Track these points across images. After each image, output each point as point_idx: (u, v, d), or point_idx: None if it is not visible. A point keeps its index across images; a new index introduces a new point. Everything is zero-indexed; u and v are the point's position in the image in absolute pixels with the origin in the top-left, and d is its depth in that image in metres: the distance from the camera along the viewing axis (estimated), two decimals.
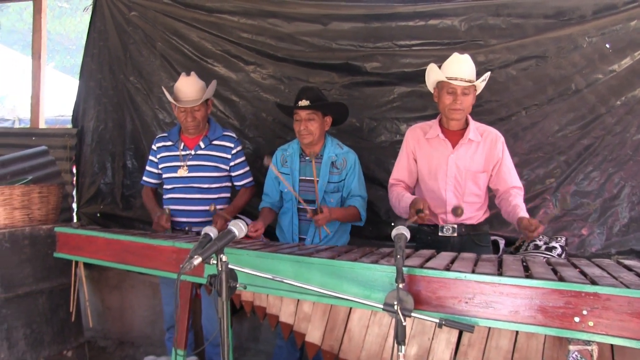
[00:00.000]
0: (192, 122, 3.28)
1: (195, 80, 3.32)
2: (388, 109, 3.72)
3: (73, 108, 4.65)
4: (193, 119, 3.27)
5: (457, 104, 2.81)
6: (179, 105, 3.25)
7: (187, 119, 3.27)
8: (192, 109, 3.26)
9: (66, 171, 4.41)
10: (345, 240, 3.22)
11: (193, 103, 3.25)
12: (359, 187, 3.15)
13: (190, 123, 3.28)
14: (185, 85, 3.27)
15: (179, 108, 3.27)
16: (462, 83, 2.77)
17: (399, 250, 1.83)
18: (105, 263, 2.70)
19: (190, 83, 3.29)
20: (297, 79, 3.91)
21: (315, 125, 3.09)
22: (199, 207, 3.27)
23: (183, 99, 3.26)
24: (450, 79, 2.78)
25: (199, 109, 3.28)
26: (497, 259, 2.25)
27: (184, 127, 3.35)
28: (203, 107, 3.32)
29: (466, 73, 2.78)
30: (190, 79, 3.31)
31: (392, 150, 3.66)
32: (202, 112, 3.31)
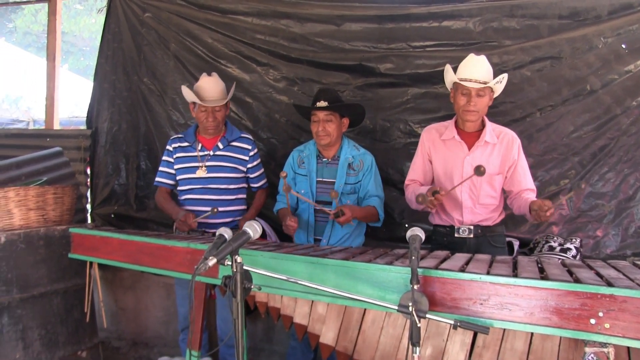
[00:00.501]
0: (213, 122, 3.29)
1: (218, 81, 3.34)
2: (402, 110, 3.73)
3: (87, 109, 4.70)
4: (214, 119, 3.29)
5: (471, 106, 2.81)
6: (202, 104, 3.26)
7: (208, 119, 3.29)
8: (214, 109, 3.28)
9: (80, 172, 4.46)
10: (360, 241, 3.23)
11: (216, 102, 3.27)
12: (376, 188, 3.16)
13: (210, 123, 3.29)
14: (209, 85, 3.29)
15: (200, 107, 3.28)
16: (476, 85, 2.77)
17: (413, 252, 1.84)
18: (120, 264, 2.72)
19: (213, 83, 3.31)
20: (310, 80, 3.92)
21: (333, 127, 3.10)
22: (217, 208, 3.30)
23: (206, 98, 3.28)
24: (464, 81, 2.78)
25: (220, 109, 3.31)
26: (512, 260, 2.24)
27: (202, 127, 3.36)
28: (223, 108, 3.34)
29: (480, 74, 2.78)
30: (213, 79, 3.33)
31: (405, 151, 3.67)
32: (222, 113, 3.34)
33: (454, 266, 2.00)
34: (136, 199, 4.43)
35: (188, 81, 4.17)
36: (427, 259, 2.18)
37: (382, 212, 3.15)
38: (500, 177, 2.91)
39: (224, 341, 3.28)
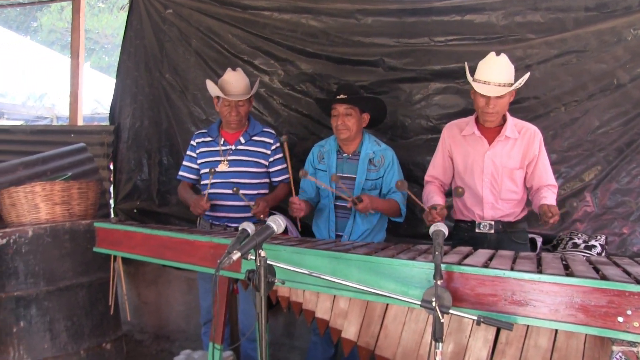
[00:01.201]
0: (236, 116, 3.33)
1: (243, 76, 3.38)
2: (423, 106, 3.71)
3: (110, 105, 4.76)
4: (237, 113, 3.32)
5: (490, 108, 2.79)
6: (226, 98, 3.28)
7: (232, 113, 3.32)
8: (237, 103, 3.31)
9: (103, 167, 4.51)
10: (382, 237, 3.23)
11: (240, 97, 3.30)
12: None
13: (234, 117, 3.33)
14: (234, 79, 3.33)
15: (224, 102, 3.32)
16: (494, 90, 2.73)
17: (437, 247, 1.83)
18: (144, 258, 2.75)
19: (238, 77, 3.34)
20: (330, 75, 3.92)
21: (352, 121, 3.10)
22: (239, 202, 3.32)
23: (230, 92, 3.31)
24: (482, 83, 2.75)
25: (244, 104, 3.34)
26: (536, 257, 2.23)
27: (225, 122, 3.40)
28: (247, 103, 3.37)
29: (500, 76, 2.74)
30: (238, 74, 3.36)
31: (427, 147, 3.65)
32: (246, 108, 3.37)
33: (478, 262, 1.99)
34: (158, 194, 4.48)
35: (209, 77, 4.18)
36: (450, 255, 2.18)
37: (404, 208, 3.14)
38: (521, 171, 2.90)
39: (247, 336, 3.31)
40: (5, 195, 3.49)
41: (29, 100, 9.47)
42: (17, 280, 3.35)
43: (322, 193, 3.27)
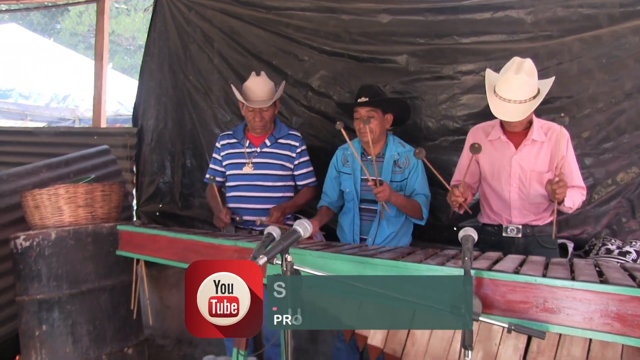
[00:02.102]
0: (260, 122, 3.36)
1: (266, 81, 3.40)
2: (449, 107, 3.68)
3: (133, 107, 4.82)
4: (261, 119, 3.36)
5: (512, 123, 2.77)
6: (248, 104, 3.32)
7: (255, 119, 3.35)
8: (261, 109, 3.34)
9: (126, 170, 4.57)
10: (407, 241, 3.23)
11: (263, 104, 3.33)
12: (423, 186, 3.16)
13: (258, 123, 3.36)
14: (256, 85, 3.35)
15: (248, 107, 3.35)
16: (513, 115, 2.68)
17: (466, 252, 1.83)
18: (167, 262, 2.79)
19: (260, 83, 3.37)
20: (354, 76, 3.91)
21: (375, 123, 3.11)
22: (263, 205, 3.34)
23: (253, 99, 3.34)
24: (502, 100, 2.70)
25: (267, 109, 3.37)
26: (569, 263, 2.20)
27: (250, 127, 3.44)
28: (271, 108, 3.40)
29: (520, 95, 2.68)
30: (260, 79, 3.39)
31: (453, 149, 3.62)
32: (270, 113, 3.40)
33: (508, 268, 1.97)
34: (181, 197, 4.51)
35: (232, 79, 4.23)
36: (479, 260, 2.17)
37: (426, 211, 3.14)
38: (550, 174, 2.85)
39: (272, 342, 3.32)
40: (28, 198, 3.53)
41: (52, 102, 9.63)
42: (40, 284, 3.40)
43: (346, 196, 3.28)
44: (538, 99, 2.70)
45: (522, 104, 2.68)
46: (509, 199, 2.90)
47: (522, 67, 2.67)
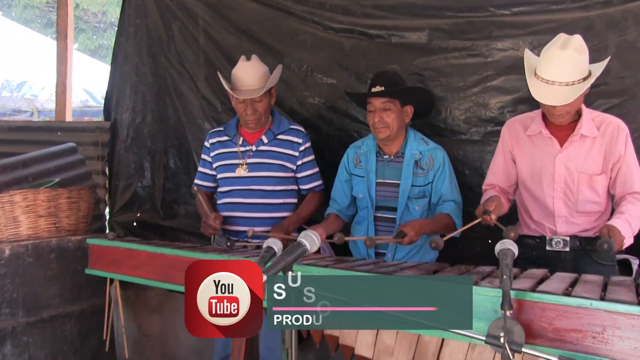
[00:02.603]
0: (253, 115, 3.35)
1: (257, 66, 3.39)
2: (480, 91, 3.65)
3: (104, 97, 4.84)
4: (253, 111, 3.35)
5: (557, 110, 2.74)
6: (236, 95, 3.32)
7: (247, 112, 3.34)
8: (253, 100, 3.33)
9: (97, 172, 4.58)
10: (433, 256, 3.22)
11: (253, 94, 3.31)
12: (451, 190, 3.17)
13: (250, 117, 3.35)
14: (245, 72, 3.35)
15: (237, 99, 3.35)
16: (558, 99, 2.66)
17: (505, 270, 1.84)
18: (147, 282, 2.81)
19: (250, 69, 3.36)
20: (365, 56, 3.88)
21: (392, 117, 3.11)
22: (261, 213, 3.35)
23: (242, 89, 3.34)
24: (544, 81, 2.69)
25: (261, 99, 3.35)
26: (634, 283, 2.20)
27: (243, 121, 3.44)
28: (266, 98, 3.37)
29: (565, 75, 2.65)
30: (250, 64, 3.38)
31: (484, 145, 3.60)
32: (265, 104, 3.38)
33: (557, 288, 1.97)
34: (163, 205, 4.52)
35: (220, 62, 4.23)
36: (520, 279, 2.17)
37: (459, 221, 3.14)
38: (604, 177, 2.84)
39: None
40: None
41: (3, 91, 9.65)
42: None
43: (359, 203, 3.30)
44: (588, 81, 2.67)
45: (568, 87, 2.65)
46: (553, 207, 2.89)
47: (570, 43, 2.65)
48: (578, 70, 2.66)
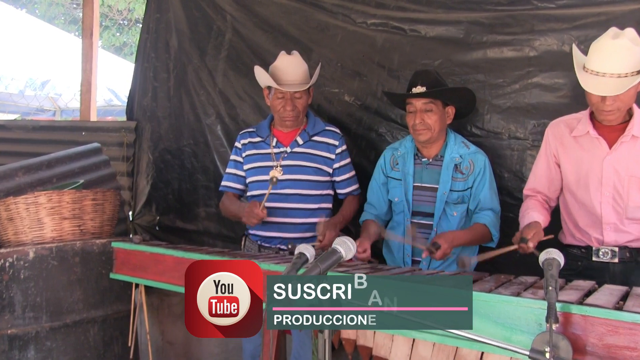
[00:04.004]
0: (292, 111, 3.37)
1: (300, 60, 3.43)
2: (520, 90, 3.61)
3: (128, 96, 4.90)
4: (293, 107, 3.36)
5: (607, 105, 2.67)
6: (280, 88, 3.32)
7: (286, 108, 3.36)
8: (293, 95, 3.35)
9: (122, 173, 4.65)
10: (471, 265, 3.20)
11: (298, 87, 3.34)
12: (491, 198, 3.15)
13: (289, 113, 3.37)
14: (289, 65, 3.37)
15: (277, 94, 3.36)
16: (609, 89, 2.60)
17: (550, 280, 1.82)
18: (174, 287, 2.82)
19: (295, 63, 3.39)
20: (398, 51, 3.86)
21: (434, 118, 3.11)
22: (295, 219, 3.36)
23: (285, 82, 3.35)
24: (594, 74, 2.64)
25: (301, 96, 3.38)
26: None
27: (279, 118, 3.45)
28: (305, 95, 3.41)
29: (618, 66, 2.60)
30: (294, 59, 3.41)
31: (527, 148, 3.56)
32: (304, 101, 3.41)
33: (607, 302, 1.95)
34: (184, 206, 4.56)
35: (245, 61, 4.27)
36: (566, 291, 2.15)
37: (496, 231, 3.12)
38: None
39: None
40: (1, 208, 3.58)
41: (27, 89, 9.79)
42: (13, 315, 3.42)
43: (395, 208, 3.29)
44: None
45: (620, 79, 2.59)
46: (600, 213, 2.84)
47: (623, 33, 2.62)
48: (631, 61, 2.60)
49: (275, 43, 4.01)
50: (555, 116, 3.15)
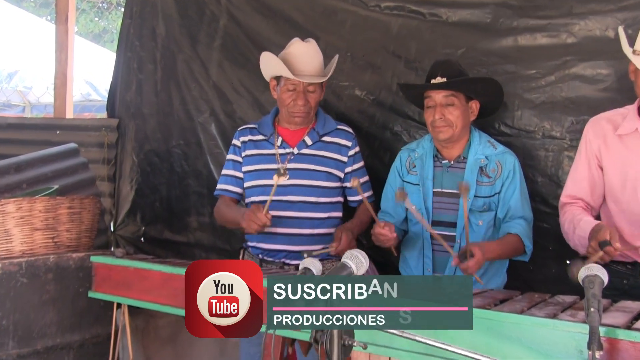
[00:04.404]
0: (304, 106, 3.35)
1: (317, 50, 3.41)
2: (556, 83, 3.61)
3: (108, 90, 4.93)
4: (305, 102, 3.35)
5: None
6: (294, 78, 3.29)
7: (298, 102, 3.34)
8: (307, 88, 3.34)
9: (102, 178, 4.66)
10: (501, 282, 3.23)
11: (315, 79, 3.33)
12: (522, 205, 3.13)
13: (300, 108, 3.35)
14: (306, 54, 3.36)
15: (288, 85, 3.34)
16: None
17: (592, 300, 1.81)
18: (161, 307, 2.83)
19: (311, 51, 3.38)
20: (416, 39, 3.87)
21: (456, 113, 3.10)
22: (301, 229, 3.37)
23: (300, 72, 3.33)
24: None
25: (315, 89, 3.36)
26: None
27: (287, 114, 3.42)
28: (319, 90, 3.40)
29: None
30: (310, 46, 3.40)
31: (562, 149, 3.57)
32: (317, 96, 3.40)
33: None
34: (172, 216, 4.58)
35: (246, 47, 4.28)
36: (611, 313, 2.15)
37: (529, 242, 3.11)
38: None
39: None
40: None
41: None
42: None
43: (412, 217, 3.28)
44: None
45: None
46: None
47: None
48: None
49: (276, 30, 4.02)
50: (597, 112, 3.15)
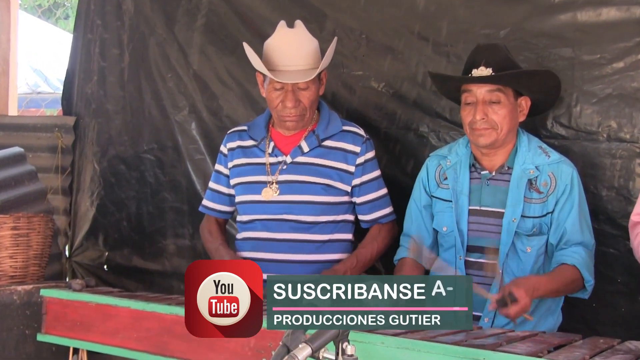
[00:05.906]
0: (294, 108, 3.36)
1: (305, 37, 3.40)
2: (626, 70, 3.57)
3: (64, 81, 4.95)
4: (296, 103, 3.35)
5: None
6: (276, 78, 3.30)
7: (286, 104, 3.34)
8: (296, 87, 3.34)
9: (55, 191, 4.67)
10: (555, 322, 3.22)
11: (301, 77, 3.32)
12: (581, 228, 3.11)
13: (290, 111, 3.36)
14: (290, 44, 3.36)
15: (274, 83, 3.35)
16: None
17: None
18: (130, 353, 2.84)
19: (296, 41, 3.38)
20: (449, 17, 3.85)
21: (502, 113, 3.10)
22: (295, 255, 3.39)
23: (283, 69, 3.34)
24: None
25: (308, 86, 3.35)
26: None
27: (277, 118, 3.44)
28: (314, 85, 3.38)
29: None
30: (296, 34, 3.39)
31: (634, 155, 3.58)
32: (312, 93, 3.38)
33: None
34: (143, 238, 4.62)
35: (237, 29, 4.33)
36: None
37: (590, 276, 3.07)
38: None
39: None
40: None
41: None
42: None
43: (442, 240, 3.29)
44: None
45: None
46: None
47: None
48: None
49: (273, 7, 4.03)
50: None
